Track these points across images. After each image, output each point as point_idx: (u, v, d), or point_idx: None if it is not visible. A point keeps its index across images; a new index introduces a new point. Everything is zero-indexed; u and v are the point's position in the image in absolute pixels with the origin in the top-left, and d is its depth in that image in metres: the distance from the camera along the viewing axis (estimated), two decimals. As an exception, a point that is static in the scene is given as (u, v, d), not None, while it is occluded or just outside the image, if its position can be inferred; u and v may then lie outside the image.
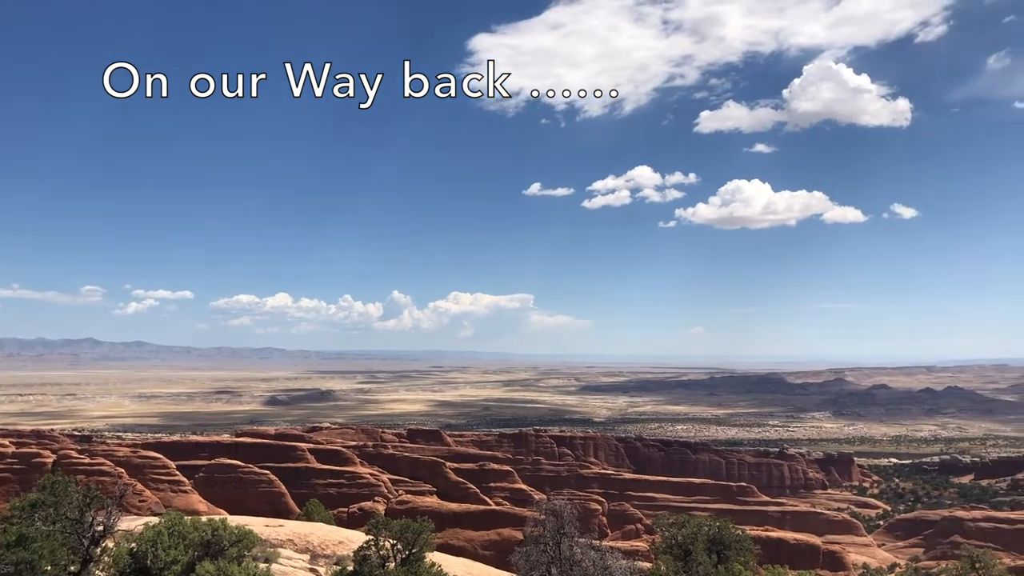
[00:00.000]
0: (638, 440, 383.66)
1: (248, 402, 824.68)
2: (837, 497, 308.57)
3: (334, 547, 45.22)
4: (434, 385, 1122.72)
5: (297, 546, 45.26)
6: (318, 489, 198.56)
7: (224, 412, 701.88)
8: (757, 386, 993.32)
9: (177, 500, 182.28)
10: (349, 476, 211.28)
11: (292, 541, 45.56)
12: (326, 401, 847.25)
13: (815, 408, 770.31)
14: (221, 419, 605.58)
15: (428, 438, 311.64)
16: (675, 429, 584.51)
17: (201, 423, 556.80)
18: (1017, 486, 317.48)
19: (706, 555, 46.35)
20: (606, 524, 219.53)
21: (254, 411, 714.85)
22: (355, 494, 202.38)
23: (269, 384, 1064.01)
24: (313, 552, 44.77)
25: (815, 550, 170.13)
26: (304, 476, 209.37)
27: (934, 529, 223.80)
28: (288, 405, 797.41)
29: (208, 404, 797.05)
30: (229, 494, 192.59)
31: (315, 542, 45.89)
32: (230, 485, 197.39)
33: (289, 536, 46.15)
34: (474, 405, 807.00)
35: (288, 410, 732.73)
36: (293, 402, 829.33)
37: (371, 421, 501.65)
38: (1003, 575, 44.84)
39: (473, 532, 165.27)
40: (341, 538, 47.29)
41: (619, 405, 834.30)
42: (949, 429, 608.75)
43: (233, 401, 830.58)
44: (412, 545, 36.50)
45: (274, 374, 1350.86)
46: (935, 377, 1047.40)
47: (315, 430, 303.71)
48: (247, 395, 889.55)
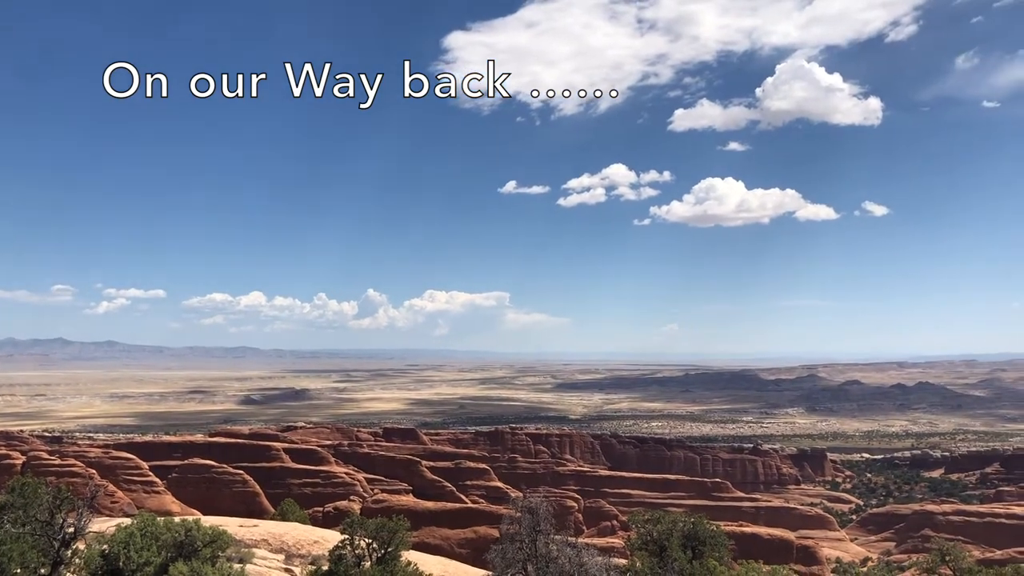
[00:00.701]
0: (614, 437, 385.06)
1: (222, 402, 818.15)
2: (810, 492, 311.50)
3: (309, 547, 44.99)
4: (410, 384, 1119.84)
5: (272, 546, 44.98)
6: (293, 489, 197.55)
7: (197, 412, 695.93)
8: (731, 383, 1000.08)
9: (150, 501, 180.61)
10: (324, 475, 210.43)
11: (267, 541, 45.28)
12: (301, 400, 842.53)
13: (788, 404, 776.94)
14: (194, 419, 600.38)
15: (404, 437, 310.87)
16: (650, 426, 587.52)
17: (174, 423, 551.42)
18: (986, 480, 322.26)
19: (681, 551, 46.51)
20: (582, 521, 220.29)
21: (228, 411, 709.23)
22: (330, 493, 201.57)
23: (243, 384, 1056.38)
24: (288, 552, 44.52)
25: (789, 545, 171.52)
26: (279, 476, 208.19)
27: (905, 523, 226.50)
28: (263, 404, 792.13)
29: (181, 404, 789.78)
30: (203, 494, 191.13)
31: (290, 542, 45.64)
32: (204, 485, 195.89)
33: (264, 536, 45.85)
34: (450, 403, 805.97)
35: (263, 409, 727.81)
36: (268, 401, 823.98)
37: (347, 420, 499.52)
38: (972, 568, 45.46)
39: (449, 530, 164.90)
40: (316, 537, 47.06)
41: (595, 402, 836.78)
42: (920, 424, 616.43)
43: (207, 401, 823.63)
44: (387, 544, 36.34)
45: (248, 373, 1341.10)
46: (906, 373, 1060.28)
47: (290, 429, 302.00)
48: (221, 395, 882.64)
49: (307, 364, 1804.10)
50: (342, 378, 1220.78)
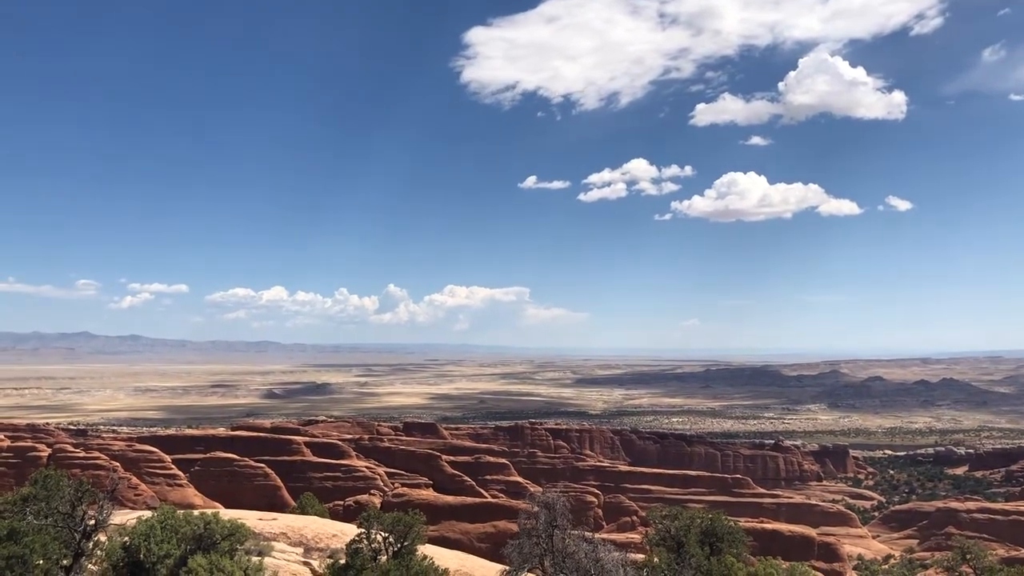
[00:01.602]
0: (634, 432, 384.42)
1: (244, 396, 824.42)
2: (832, 489, 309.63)
3: (328, 540, 45.22)
4: (430, 378, 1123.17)
5: (291, 539, 45.26)
6: (314, 482, 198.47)
7: (220, 406, 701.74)
8: (752, 378, 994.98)
9: (173, 494, 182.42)
10: (345, 469, 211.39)
11: (286, 534, 45.55)
12: (323, 394, 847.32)
13: (810, 400, 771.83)
14: (217, 413, 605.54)
15: (424, 431, 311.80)
16: (671, 421, 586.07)
17: (197, 417, 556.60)
18: (1011, 477, 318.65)
19: (699, 547, 46.39)
20: (602, 516, 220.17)
21: (250, 405, 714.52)
22: (351, 487, 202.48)
23: (265, 378, 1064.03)
24: (307, 545, 44.78)
25: (810, 542, 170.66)
26: (300, 469, 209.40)
27: (928, 520, 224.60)
28: (285, 399, 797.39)
29: (204, 398, 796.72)
30: (224, 488, 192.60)
31: (309, 535, 45.88)
32: (225, 479, 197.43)
33: (283, 529, 46.13)
34: (470, 398, 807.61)
35: (285, 403, 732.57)
36: (290, 395, 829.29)
37: (368, 414, 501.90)
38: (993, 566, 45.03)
39: (469, 525, 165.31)
40: (335, 531, 47.29)
41: (615, 398, 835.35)
42: (944, 421, 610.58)
43: (229, 395, 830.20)
44: (404, 538, 36.50)
45: (270, 367, 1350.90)
46: (930, 369, 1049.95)
47: (311, 423, 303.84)
48: (243, 388, 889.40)
49: (328, 359, 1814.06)
50: (363, 372, 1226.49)
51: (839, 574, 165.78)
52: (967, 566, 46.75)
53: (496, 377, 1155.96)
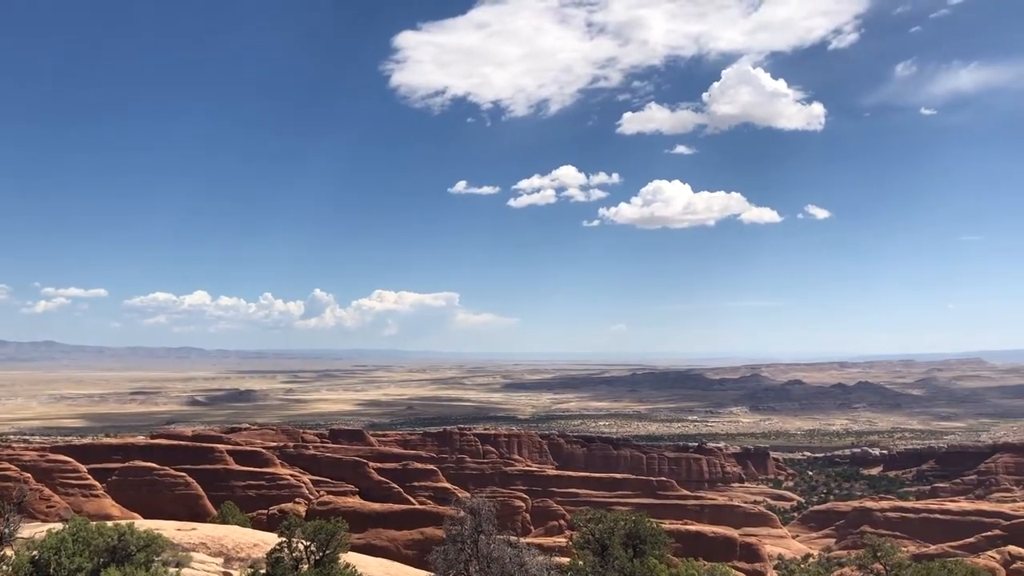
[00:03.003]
0: (562, 437, 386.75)
1: (165, 403, 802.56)
2: (753, 490, 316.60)
3: (249, 550, 44.48)
4: (358, 384, 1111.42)
5: (211, 549, 44.37)
6: (237, 491, 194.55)
7: (140, 414, 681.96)
8: (677, 382, 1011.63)
9: (88, 505, 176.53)
10: (269, 477, 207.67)
11: (205, 545, 44.64)
12: (248, 401, 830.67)
13: (732, 403, 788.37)
14: (137, 421, 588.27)
15: (351, 438, 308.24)
16: (598, 425, 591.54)
17: (115, 425, 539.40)
18: (922, 476, 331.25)
19: (623, 549, 47.05)
20: (530, 521, 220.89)
21: (172, 412, 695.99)
22: (275, 495, 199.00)
23: (187, 384, 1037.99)
24: (227, 555, 43.96)
25: (732, 542, 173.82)
26: (222, 478, 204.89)
27: (845, 520, 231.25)
28: (208, 406, 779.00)
29: (123, 406, 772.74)
30: (144, 497, 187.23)
31: (229, 545, 45.05)
32: (145, 488, 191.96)
33: (202, 540, 45.20)
34: (399, 404, 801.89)
35: (209, 411, 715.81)
36: (213, 403, 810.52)
37: (295, 421, 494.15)
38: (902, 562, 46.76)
39: (396, 532, 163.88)
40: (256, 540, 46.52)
41: (544, 402, 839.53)
42: (860, 423, 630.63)
43: (149, 402, 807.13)
44: (326, 546, 36.10)
45: (192, 374, 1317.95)
46: (847, 373, 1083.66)
47: (234, 431, 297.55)
48: (164, 396, 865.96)
49: (253, 365, 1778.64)
50: (289, 379, 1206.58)
51: (760, 574, 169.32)
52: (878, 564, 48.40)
53: (425, 383, 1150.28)
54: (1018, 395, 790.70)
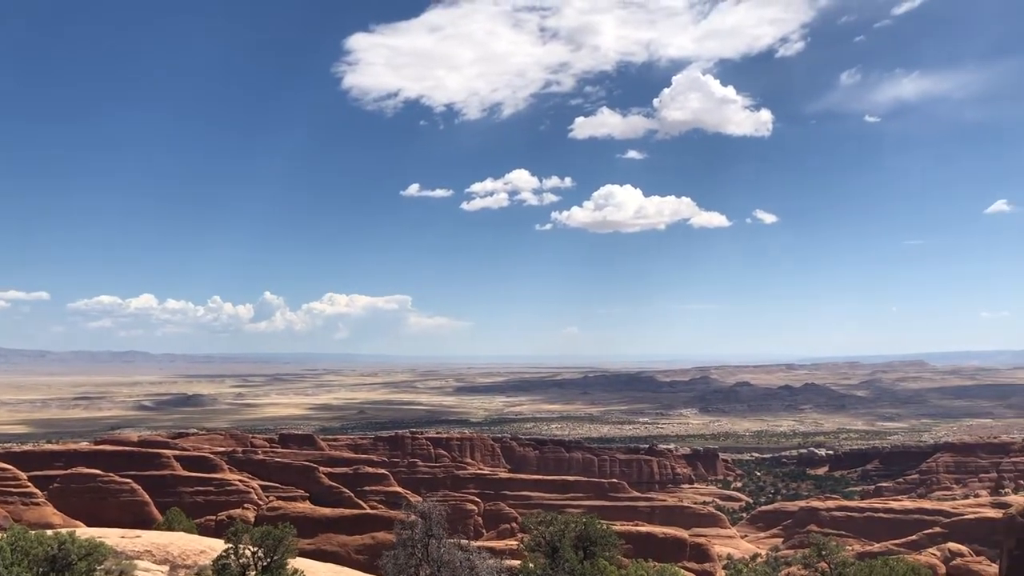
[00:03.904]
0: (514, 440, 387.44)
1: (110, 408, 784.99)
2: (703, 491, 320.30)
3: (195, 556, 43.75)
4: (309, 388, 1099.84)
5: (156, 557, 43.54)
6: (184, 497, 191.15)
7: (84, 419, 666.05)
8: (628, 384, 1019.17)
9: (29, 513, 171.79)
10: (217, 483, 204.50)
11: (150, 552, 43.79)
12: (196, 406, 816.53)
13: (683, 405, 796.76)
14: (80, 427, 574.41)
15: (301, 443, 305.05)
16: (550, 428, 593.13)
17: (58, 431, 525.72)
18: (866, 476, 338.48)
19: (573, 551, 47.36)
20: (482, 524, 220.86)
21: (119, 417, 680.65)
22: (223, 501, 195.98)
23: (133, 389, 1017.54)
24: (173, 563, 43.20)
25: (682, 543, 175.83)
26: (169, 484, 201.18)
27: (792, 519, 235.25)
28: (156, 411, 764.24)
29: (66, 411, 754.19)
30: (87, 505, 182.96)
31: (175, 552, 44.26)
32: (88, 496, 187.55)
33: (147, 547, 44.33)
34: (350, 408, 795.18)
35: (157, 416, 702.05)
36: (161, 408, 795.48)
37: (245, 426, 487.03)
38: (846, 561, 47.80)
39: (347, 537, 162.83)
40: (203, 547, 45.77)
41: (496, 405, 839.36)
42: (806, 424, 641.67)
43: (93, 407, 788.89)
44: (274, 552, 35.72)
45: (138, 379, 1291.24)
46: (794, 374, 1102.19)
47: (181, 436, 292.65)
48: (109, 401, 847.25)
49: (201, 369, 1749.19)
50: (239, 383, 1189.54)
51: (710, 574, 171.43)
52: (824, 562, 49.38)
53: (377, 386, 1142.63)
54: (958, 396, 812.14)
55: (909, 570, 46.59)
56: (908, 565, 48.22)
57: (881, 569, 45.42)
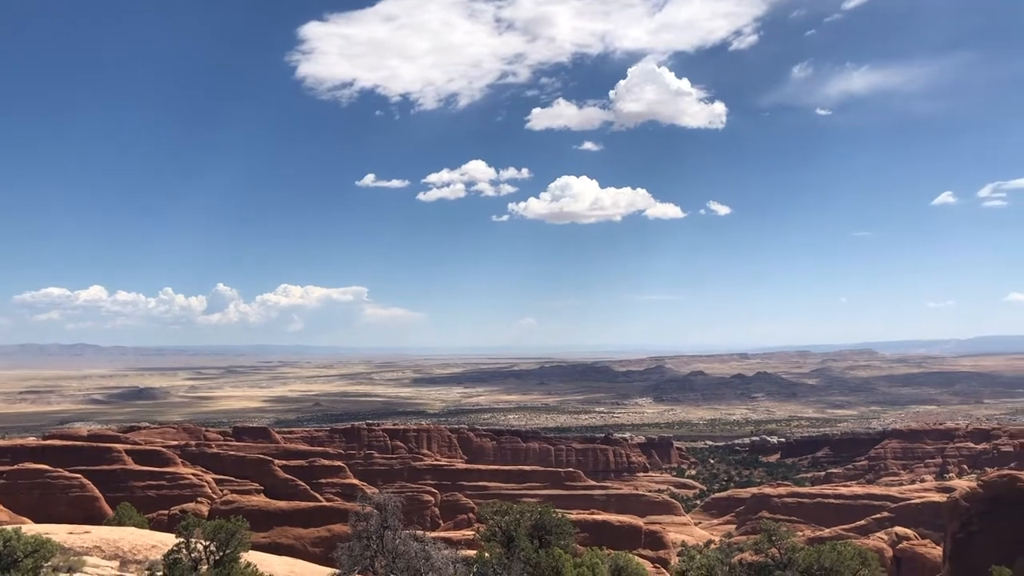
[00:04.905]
0: (471, 430, 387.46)
1: (59, 402, 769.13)
2: (658, 479, 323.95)
3: (146, 552, 43.17)
4: (263, 381, 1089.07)
5: (105, 553, 42.88)
6: (136, 492, 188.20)
7: (32, 414, 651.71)
8: (585, 375, 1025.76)
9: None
10: (170, 477, 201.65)
11: (99, 548, 43.10)
12: (148, 399, 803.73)
13: (638, 394, 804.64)
14: (28, 421, 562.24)
15: (256, 436, 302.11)
16: (507, 418, 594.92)
17: (4, 426, 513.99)
18: (817, 463, 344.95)
19: (528, 541, 47.60)
20: (439, 515, 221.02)
21: (69, 412, 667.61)
22: (176, 495, 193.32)
23: (83, 383, 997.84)
24: (123, 558, 42.57)
25: (637, 531, 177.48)
26: (120, 479, 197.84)
27: (744, 506, 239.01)
28: (108, 405, 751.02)
29: (12, 405, 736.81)
30: (35, 501, 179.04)
31: (125, 547, 43.62)
32: (36, 492, 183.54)
33: (96, 543, 43.62)
34: (306, 400, 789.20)
35: (109, 410, 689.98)
36: (113, 401, 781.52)
37: (199, 419, 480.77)
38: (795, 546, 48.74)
39: (302, 530, 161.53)
40: (154, 542, 45.18)
41: (453, 396, 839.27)
42: (759, 412, 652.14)
43: (41, 402, 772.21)
44: (226, 545, 35.39)
45: (88, 372, 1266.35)
46: (747, 364, 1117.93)
47: (132, 430, 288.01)
48: (58, 395, 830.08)
49: (153, 362, 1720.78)
50: (192, 376, 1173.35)
51: (664, 561, 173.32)
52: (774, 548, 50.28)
53: (333, 378, 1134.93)
54: (905, 384, 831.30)
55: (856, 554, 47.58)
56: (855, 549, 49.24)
57: (829, 553, 46.36)
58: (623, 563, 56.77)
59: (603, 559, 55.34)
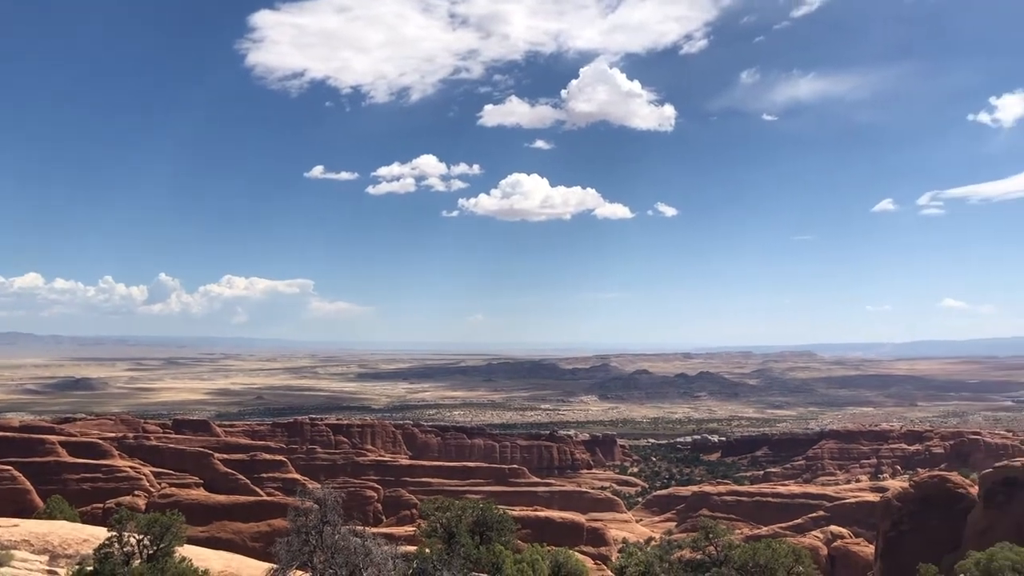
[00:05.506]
0: (416, 426, 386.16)
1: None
2: (601, 476, 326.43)
3: (77, 546, 42.18)
4: (206, 373, 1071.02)
5: (34, 547, 41.79)
6: (70, 485, 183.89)
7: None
8: (532, 372, 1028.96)
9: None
10: (106, 470, 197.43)
11: (28, 542, 41.99)
12: (86, 390, 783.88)
13: (583, 392, 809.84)
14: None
15: (196, 429, 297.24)
16: (453, 414, 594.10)
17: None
18: (756, 462, 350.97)
19: (469, 537, 47.72)
20: (381, 511, 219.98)
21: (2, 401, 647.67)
22: (113, 488, 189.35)
23: (16, 372, 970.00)
24: (53, 552, 41.54)
25: (579, 527, 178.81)
26: (53, 471, 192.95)
27: (685, 504, 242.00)
28: (43, 395, 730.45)
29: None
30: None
31: (55, 542, 42.57)
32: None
33: (25, 536, 42.49)
34: (248, 394, 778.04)
35: (44, 400, 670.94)
36: (48, 391, 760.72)
37: (139, 411, 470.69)
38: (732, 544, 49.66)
39: (242, 524, 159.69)
40: (86, 536, 44.17)
41: (399, 392, 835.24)
42: (701, 411, 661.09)
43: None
44: (160, 539, 34.76)
45: (21, 361, 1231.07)
46: (690, 363, 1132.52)
47: (67, 421, 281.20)
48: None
49: (91, 352, 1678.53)
50: (132, 366, 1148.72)
51: (605, 557, 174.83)
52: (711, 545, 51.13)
53: (277, 372, 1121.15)
54: (843, 385, 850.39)
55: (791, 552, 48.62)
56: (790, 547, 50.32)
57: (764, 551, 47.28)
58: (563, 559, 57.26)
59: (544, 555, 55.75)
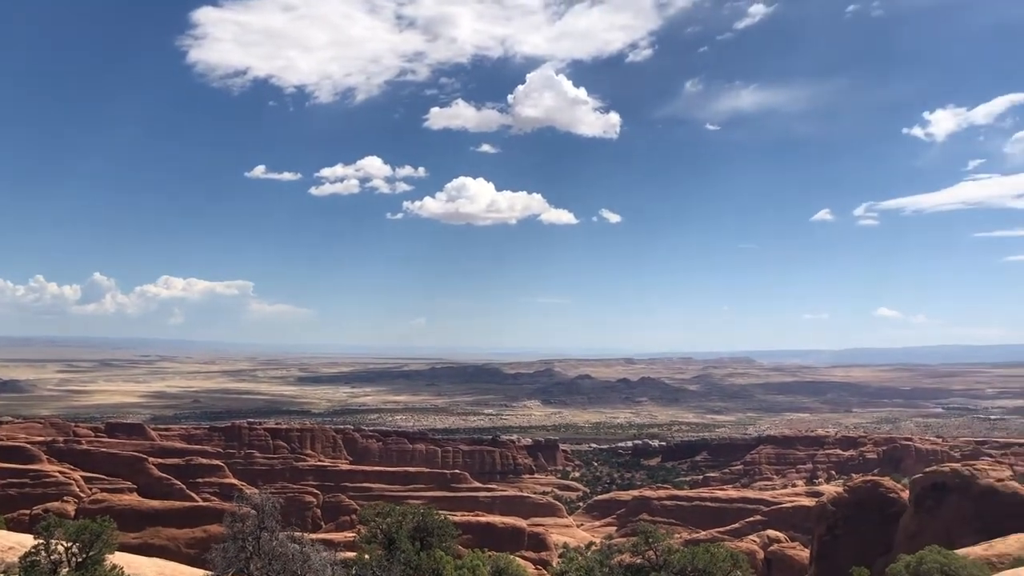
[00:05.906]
0: (356, 431, 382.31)
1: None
2: (543, 481, 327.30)
3: (2, 554, 40.72)
4: (141, 375, 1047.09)
5: (-44, 555, 40.24)
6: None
7: None
8: (475, 376, 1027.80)
9: None
10: (33, 475, 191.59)
11: (-51, 550, 40.46)
12: (13, 392, 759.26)
13: (526, 397, 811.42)
14: None
15: (129, 432, 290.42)
16: (395, 419, 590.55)
17: None
18: (695, 467, 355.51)
19: (409, 543, 47.29)
20: (320, 516, 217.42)
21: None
22: (40, 494, 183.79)
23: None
24: (-24, 561, 40.06)
25: (521, 533, 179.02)
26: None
27: (626, 508, 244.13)
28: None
29: None
30: None
31: (-22, 550, 41.08)
32: None
33: (-54, 544, 40.95)
34: (185, 397, 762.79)
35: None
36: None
37: (71, 414, 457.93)
38: (671, 548, 50.01)
39: (177, 530, 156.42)
40: (11, 543, 42.66)
41: (339, 396, 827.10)
42: (642, 416, 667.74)
43: None
44: (90, 547, 33.69)
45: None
46: (632, 368, 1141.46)
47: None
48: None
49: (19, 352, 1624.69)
50: (63, 368, 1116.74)
51: (546, 562, 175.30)
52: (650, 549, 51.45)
53: (215, 374, 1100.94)
54: (780, 391, 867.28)
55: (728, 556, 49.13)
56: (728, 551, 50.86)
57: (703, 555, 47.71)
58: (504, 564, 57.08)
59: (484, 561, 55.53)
